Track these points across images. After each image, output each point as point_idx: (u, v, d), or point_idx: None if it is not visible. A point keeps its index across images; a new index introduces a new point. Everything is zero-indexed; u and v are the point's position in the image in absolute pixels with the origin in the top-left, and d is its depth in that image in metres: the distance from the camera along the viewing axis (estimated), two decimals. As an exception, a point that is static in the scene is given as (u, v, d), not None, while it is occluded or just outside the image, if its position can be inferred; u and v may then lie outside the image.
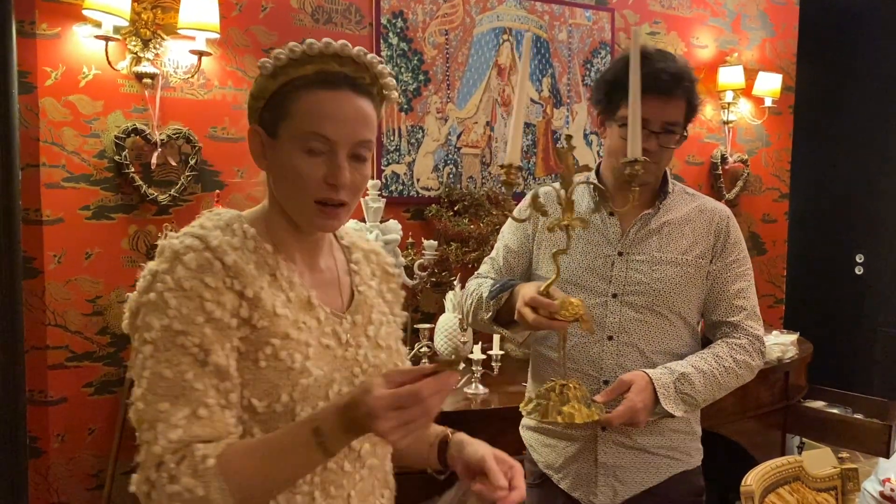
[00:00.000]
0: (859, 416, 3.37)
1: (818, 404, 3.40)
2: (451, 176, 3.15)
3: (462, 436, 1.24)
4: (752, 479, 1.46)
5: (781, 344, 2.95)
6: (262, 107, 1.10)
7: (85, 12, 2.36)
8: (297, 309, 1.09)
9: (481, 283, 1.61)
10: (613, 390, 1.43)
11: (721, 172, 3.92)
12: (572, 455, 1.60)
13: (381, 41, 2.98)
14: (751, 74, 3.87)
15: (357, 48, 1.09)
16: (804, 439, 3.44)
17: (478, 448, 1.19)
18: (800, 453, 3.67)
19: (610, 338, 1.54)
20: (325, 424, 0.95)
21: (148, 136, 2.54)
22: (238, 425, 1.04)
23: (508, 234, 1.70)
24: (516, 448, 2.30)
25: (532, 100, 3.34)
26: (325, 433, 0.95)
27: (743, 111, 4.00)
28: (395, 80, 1.15)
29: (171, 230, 1.11)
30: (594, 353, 1.55)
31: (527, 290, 1.38)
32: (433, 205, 3.05)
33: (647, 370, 1.47)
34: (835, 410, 3.36)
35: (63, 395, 2.50)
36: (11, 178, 2.40)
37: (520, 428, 1.72)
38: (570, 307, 1.32)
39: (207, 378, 1.00)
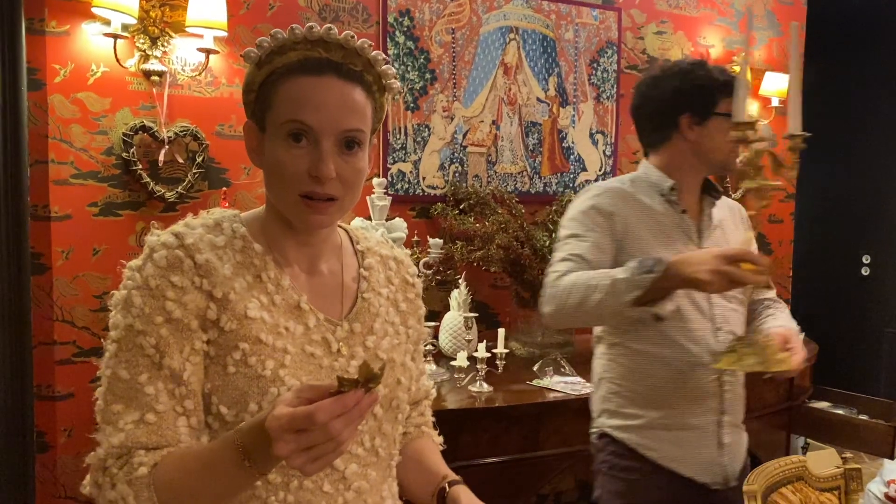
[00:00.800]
0: (864, 418, 3.37)
1: (823, 405, 3.40)
2: (456, 174, 3.15)
3: (459, 492, 1.16)
4: (755, 479, 1.46)
5: (786, 344, 2.94)
6: (253, 100, 1.04)
7: (94, 10, 2.37)
8: (280, 313, 1.03)
9: (590, 275, 1.55)
10: (784, 341, 1.53)
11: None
12: (696, 442, 1.66)
13: (388, 39, 2.98)
14: (758, 74, 3.87)
15: (345, 33, 1.03)
16: (809, 440, 3.44)
17: None
18: (804, 454, 3.67)
19: (718, 329, 1.65)
20: (249, 440, 0.87)
21: (155, 134, 2.55)
22: (194, 433, 0.99)
23: (591, 233, 1.65)
24: (519, 446, 2.32)
25: (538, 99, 3.34)
26: (251, 451, 0.87)
27: (750, 111, 3.98)
28: (393, 69, 1.08)
29: (157, 228, 1.08)
30: (711, 343, 1.63)
31: (710, 252, 1.42)
32: (439, 203, 3.06)
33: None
34: (840, 411, 3.37)
35: (70, 391, 2.51)
36: (20, 174, 2.42)
37: (615, 430, 1.71)
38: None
39: (162, 382, 0.96)
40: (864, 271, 4.60)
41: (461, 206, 3.07)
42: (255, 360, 0.99)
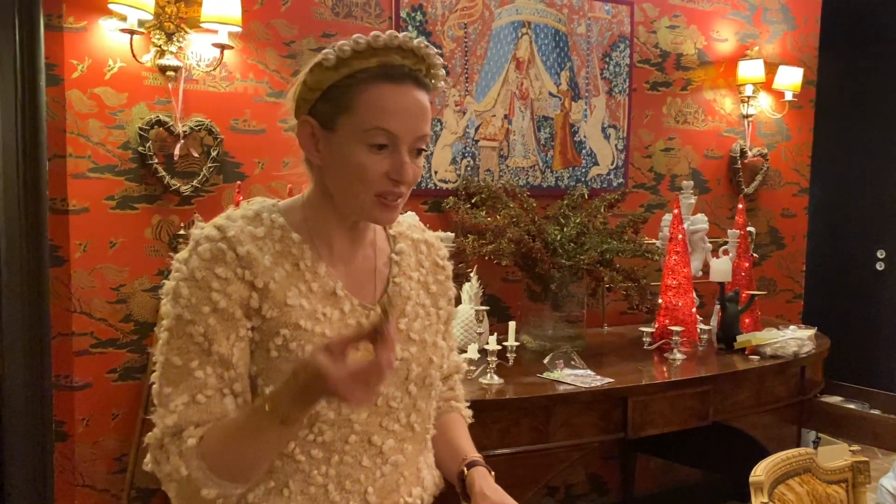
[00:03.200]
0: (877, 413, 3.36)
1: (835, 399, 3.39)
2: (468, 168, 3.17)
3: (477, 475, 1.22)
4: (762, 470, 1.47)
5: (798, 338, 2.94)
6: (318, 98, 1.08)
7: (110, 6, 2.40)
8: (317, 299, 1.09)
9: None
10: None
11: (740, 167, 3.91)
12: None
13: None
14: (771, 68, 3.85)
15: (418, 40, 1.08)
16: (820, 434, 3.44)
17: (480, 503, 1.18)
18: (816, 448, 3.67)
19: None
20: (276, 396, 0.98)
21: (171, 128, 2.58)
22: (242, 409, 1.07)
23: None
24: (529, 438, 2.34)
25: (550, 93, 3.35)
26: (277, 405, 0.97)
27: (763, 105, 3.98)
28: (443, 70, 1.14)
29: (199, 220, 1.13)
30: None
31: None
32: (451, 197, 3.08)
33: None
34: (852, 406, 3.36)
35: (88, 381, 2.56)
36: (39, 168, 2.47)
37: None
38: None
39: (210, 367, 1.04)
40: (879, 266, 4.58)
41: (473, 201, 3.09)
42: (296, 344, 1.06)
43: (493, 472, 1.24)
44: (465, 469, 1.23)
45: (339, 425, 1.08)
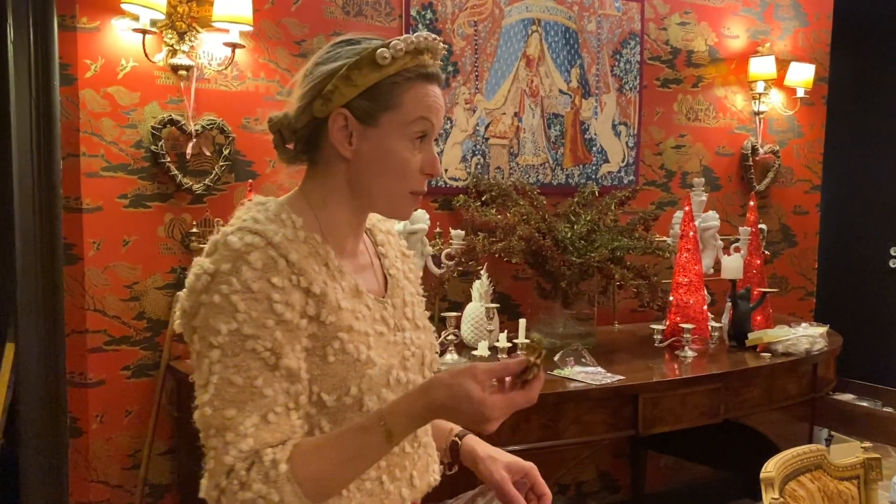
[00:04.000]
0: (889, 410, 3.35)
1: (847, 397, 3.38)
2: (478, 166, 3.17)
3: (474, 442, 1.27)
4: (773, 467, 1.47)
5: (810, 336, 2.93)
6: (357, 95, 1.08)
7: (123, 6, 2.42)
8: (350, 298, 1.10)
9: None
10: None
11: (751, 164, 3.90)
12: None
13: (410, 33, 3.00)
14: (783, 65, 3.84)
15: (439, 41, 1.14)
16: (832, 432, 3.42)
17: (490, 466, 1.22)
18: (828, 446, 3.65)
19: None
20: (394, 422, 0.99)
21: (183, 127, 2.60)
22: (304, 424, 1.05)
23: None
24: (539, 435, 2.34)
25: (560, 90, 3.35)
26: (394, 430, 0.99)
27: (774, 102, 3.96)
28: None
29: (222, 225, 1.12)
30: None
31: None
32: (461, 195, 3.08)
33: None
34: (864, 404, 3.35)
35: (101, 378, 2.58)
36: (53, 167, 2.49)
37: None
38: None
39: (278, 383, 1.00)
40: (893, 263, 4.55)
41: (483, 198, 3.09)
42: (352, 346, 1.07)
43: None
44: (458, 439, 1.28)
45: None
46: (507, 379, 1.01)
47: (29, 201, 2.49)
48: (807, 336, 2.93)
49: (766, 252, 3.77)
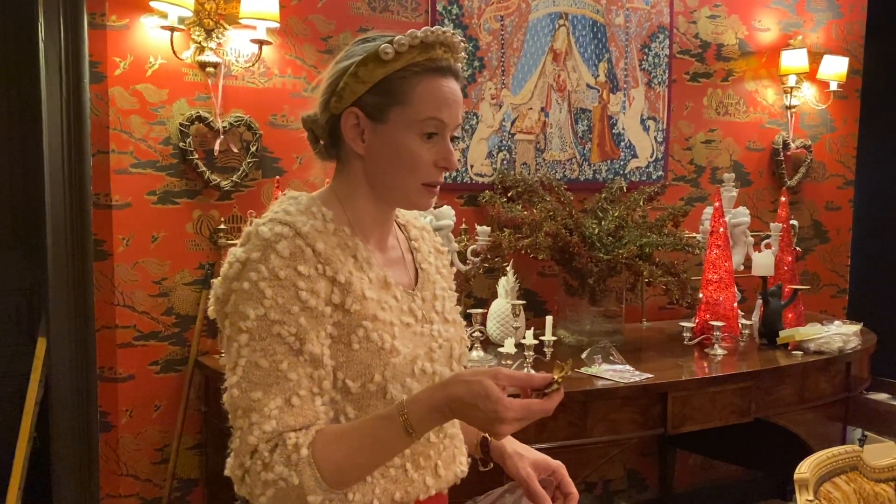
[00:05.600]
0: (925, 410, 3.27)
1: (882, 397, 3.31)
2: (504, 162, 3.15)
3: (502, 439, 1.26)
4: (807, 468, 1.44)
5: (843, 334, 2.87)
6: (366, 91, 1.11)
7: (151, 4, 2.44)
8: (377, 289, 1.13)
9: None
10: None
11: (783, 159, 3.83)
12: None
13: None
14: (815, 58, 3.76)
15: (453, 33, 1.14)
16: (866, 432, 3.36)
17: (517, 463, 1.23)
18: (861, 446, 3.58)
19: None
20: (414, 415, 1.00)
21: (211, 124, 2.62)
22: (329, 410, 1.07)
23: None
24: (566, 433, 2.32)
25: (588, 85, 3.31)
26: (414, 422, 1.00)
27: (806, 95, 3.89)
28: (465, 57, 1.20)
29: (254, 216, 1.15)
30: None
31: None
32: (487, 191, 3.07)
33: None
34: (900, 403, 3.27)
35: (131, 373, 2.60)
36: (83, 164, 2.52)
37: None
38: None
39: (301, 367, 1.03)
40: (928, 260, 4.44)
41: (509, 194, 3.07)
42: (376, 335, 1.09)
43: None
44: (488, 435, 1.26)
45: None
46: (529, 391, 1.04)
47: (60, 198, 2.52)
48: (840, 334, 2.87)
49: (798, 249, 3.70)
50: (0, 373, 3.42)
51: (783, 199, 3.30)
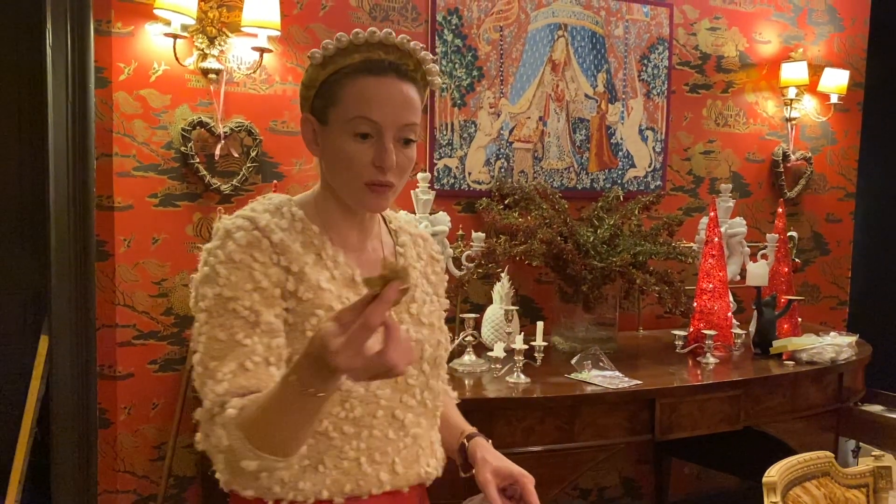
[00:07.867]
0: (921, 423, 3.26)
1: (876, 408, 3.31)
2: (502, 170, 3.19)
3: (477, 445, 1.30)
4: (777, 472, 1.46)
5: (836, 345, 2.89)
6: (313, 95, 1.16)
7: (156, 11, 2.50)
8: (340, 285, 1.16)
9: None
10: None
11: (782, 170, 3.84)
12: None
13: (437, 38, 3.04)
14: (816, 70, 3.78)
15: (401, 36, 1.15)
16: (860, 443, 3.35)
17: (480, 468, 1.25)
18: (855, 457, 3.58)
19: None
20: (301, 368, 0.93)
21: (212, 129, 2.68)
22: None
23: None
24: (554, 437, 2.35)
25: (586, 95, 3.35)
26: (305, 376, 0.93)
27: (807, 108, 3.91)
28: (436, 67, 1.20)
29: (223, 214, 1.20)
30: None
31: None
32: (484, 198, 3.11)
33: None
34: (894, 415, 3.27)
35: (130, 371, 2.66)
36: (87, 167, 2.58)
37: None
38: None
39: (258, 336, 1.07)
40: (931, 274, 4.43)
41: (506, 202, 3.11)
42: None
43: (489, 440, 1.32)
44: (466, 441, 1.30)
45: (367, 401, 1.15)
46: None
47: (64, 199, 2.58)
48: (833, 345, 2.88)
49: (797, 260, 3.71)
50: (7, 370, 3.49)
51: (780, 210, 3.31)
